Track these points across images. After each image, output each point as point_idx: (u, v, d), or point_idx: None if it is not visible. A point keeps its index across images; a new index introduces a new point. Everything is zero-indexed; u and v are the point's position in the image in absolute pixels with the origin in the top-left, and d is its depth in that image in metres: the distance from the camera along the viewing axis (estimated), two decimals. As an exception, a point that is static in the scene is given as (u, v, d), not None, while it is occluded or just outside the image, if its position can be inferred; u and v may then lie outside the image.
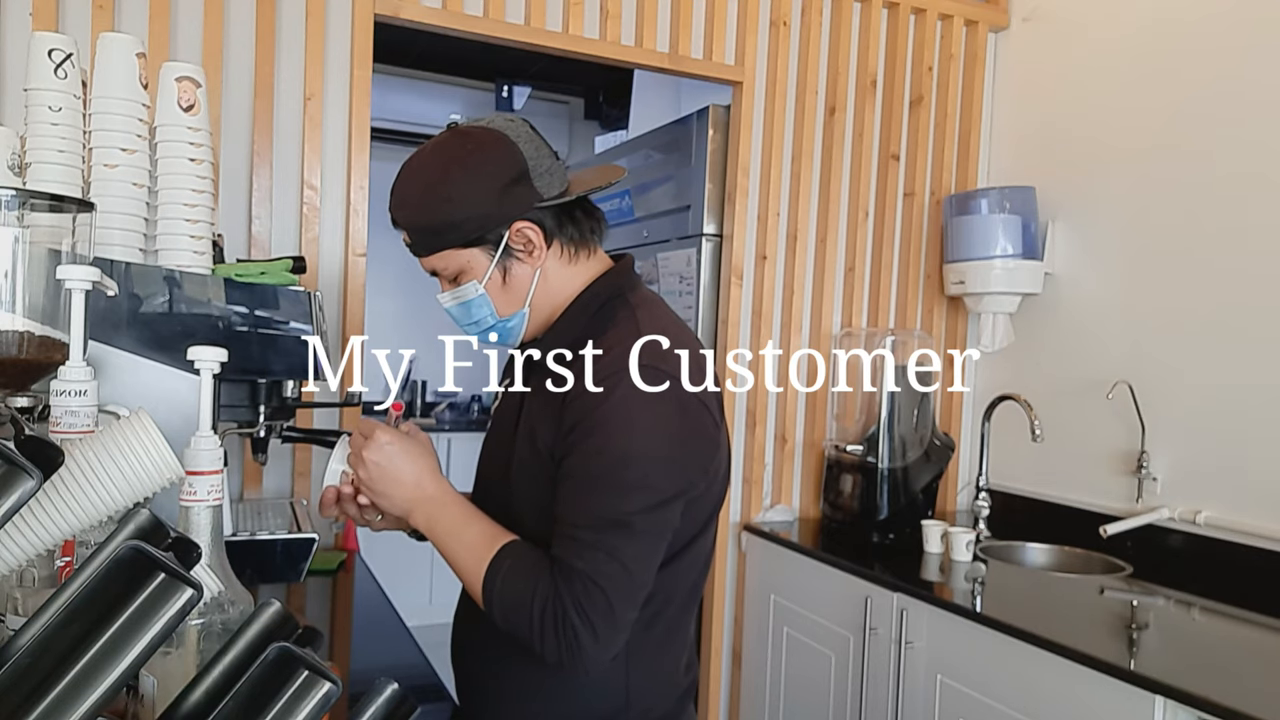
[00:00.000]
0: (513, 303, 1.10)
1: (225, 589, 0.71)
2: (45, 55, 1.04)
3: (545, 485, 1.04)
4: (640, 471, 0.98)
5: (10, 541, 0.59)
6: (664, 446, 1.00)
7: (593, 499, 0.99)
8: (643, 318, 1.07)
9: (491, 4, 2.15)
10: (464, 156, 1.04)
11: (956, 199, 2.59)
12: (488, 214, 1.04)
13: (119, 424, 0.65)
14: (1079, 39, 2.47)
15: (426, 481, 1.09)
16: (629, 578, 0.98)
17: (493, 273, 1.07)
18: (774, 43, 2.48)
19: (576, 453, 1.00)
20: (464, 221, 1.04)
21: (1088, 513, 2.32)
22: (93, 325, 0.84)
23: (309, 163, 2.01)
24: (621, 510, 0.97)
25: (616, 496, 0.98)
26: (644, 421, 0.99)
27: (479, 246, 1.06)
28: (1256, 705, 1.30)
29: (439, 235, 1.06)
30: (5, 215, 0.79)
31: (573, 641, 0.96)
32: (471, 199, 1.03)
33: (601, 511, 0.98)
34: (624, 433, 0.98)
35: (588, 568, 0.97)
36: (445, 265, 1.08)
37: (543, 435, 1.05)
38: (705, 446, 1.05)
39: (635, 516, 0.98)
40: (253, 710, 0.43)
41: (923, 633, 1.88)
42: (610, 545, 0.97)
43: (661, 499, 0.99)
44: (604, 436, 0.99)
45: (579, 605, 0.96)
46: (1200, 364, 2.11)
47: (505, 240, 1.06)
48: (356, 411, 2.07)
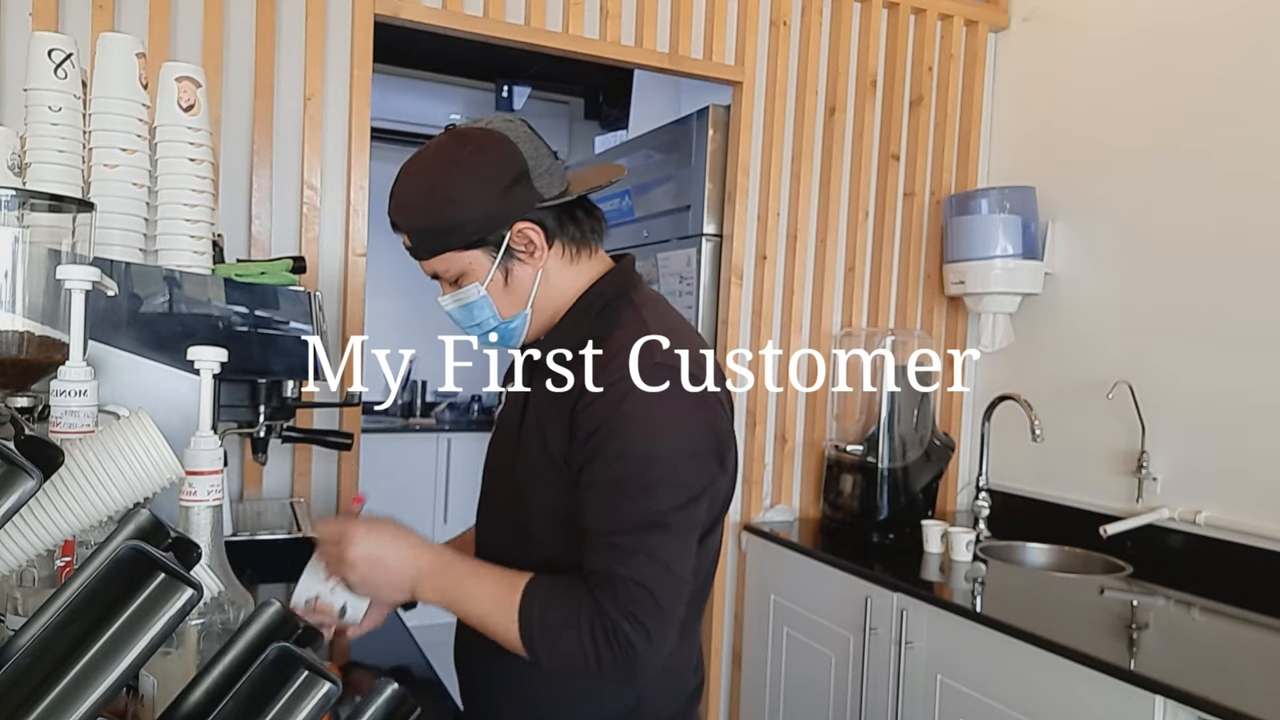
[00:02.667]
0: (515, 304, 1.09)
1: (225, 589, 0.71)
2: (45, 55, 1.04)
3: (555, 488, 1.04)
4: (667, 470, 0.98)
5: (10, 541, 0.59)
6: (686, 443, 1.00)
7: (624, 504, 0.98)
8: (648, 317, 1.07)
9: (491, 4, 2.15)
10: (464, 158, 1.03)
11: (956, 199, 2.59)
12: (489, 215, 1.04)
13: (119, 424, 0.65)
14: (1079, 39, 2.47)
15: (420, 557, 1.05)
16: (671, 575, 0.98)
17: (494, 274, 1.07)
18: (774, 43, 2.48)
19: (598, 460, 0.99)
20: (465, 223, 1.03)
21: (1088, 513, 2.32)
22: (93, 325, 0.84)
23: (309, 163, 2.01)
24: (655, 511, 0.97)
25: (647, 498, 0.97)
26: (663, 421, 0.99)
27: (480, 248, 1.05)
28: (1256, 705, 1.30)
29: (440, 238, 1.05)
30: (5, 215, 0.79)
31: (629, 651, 0.95)
32: (472, 201, 1.03)
33: (636, 515, 0.97)
34: (645, 434, 0.98)
35: (631, 573, 0.96)
36: (446, 268, 1.07)
37: (553, 438, 1.04)
38: (722, 441, 1.05)
39: (669, 515, 0.98)
40: (253, 710, 0.43)
41: (923, 633, 1.88)
42: (650, 546, 0.97)
43: (691, 495, 0.99)
44: (624, 440, 0.98)
45: (628, 613, 0.95)
46: (1200, 364, 2.11)
47: (506, 241, 1.05)
48: (356, 411, 2.08)
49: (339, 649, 1.42)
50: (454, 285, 1.09)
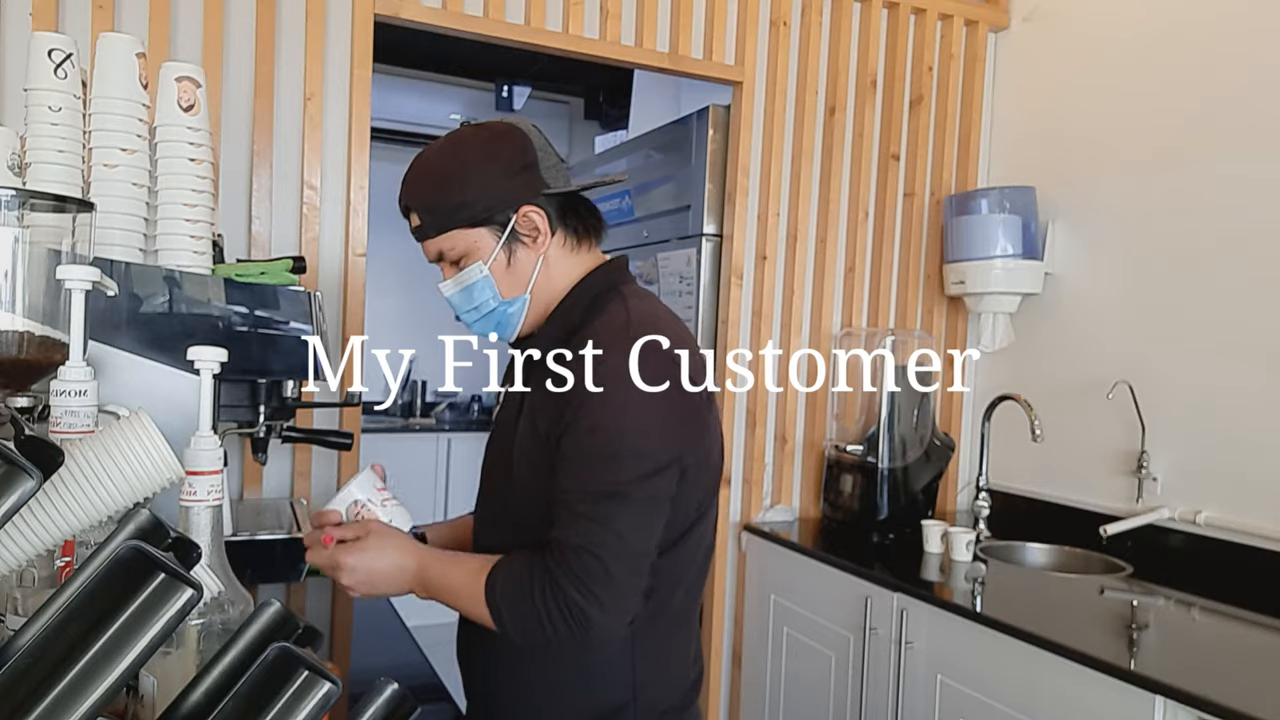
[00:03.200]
0: (515, 287, 1.12)
1: (225, 589, 0.71)
2: (45, 55, 1.04)
3: (545, 471, 1.06)
4: (631, 443, 1.00)
5: (10, 541, 0.59)
6: (655, 416, 1.02)
7: (587, 473, 1.01)
8: (632, 306, 1.09)
9: (491, 4, 2.15)
10: (477, 142, 1.09)
11: (956, 199, 2.59)
12: (498, 194, 1.07)
13: (119, 424, 0.65)
14: (1079, 39, 2.47)
15: (406, 560, 1.11)
16: (623, 544, 1.00)
17: (498, 254, 1.09)
18: (774, 43, 2.48)
19: (571, 433, 1.02)
20: (474, 201, 1.07)
21: (1088, 513, 2.32)
22: (93, 325, 0.84)
23: (309, 163, 2.01)
24: (615, 480, 1.00)
25: (609, 468, 1.00)
26: (634, 396, 1.01)
27: (486, 227, 1.08)
28: (1256, 705, 1.30)
29: (448, 214, 1.08)
30: (5, 215, 0.79)
31: (580, 615, 0.98)
32: (482, 179, 1.07)
33: (595, 485, 1.00)
34: (617, 409, 1.01)
35: (580, 539, 0.99)
36: (452, 246, 1.10)
37: (541, 421, 1.07)
38: (694, 418, 1.07)
39: (628, 485, 1.00)
40: (253, 710, 0.42)
41: (923, 633, 1.88)
42: (604, 515, 0.99)
43: (655, 466, 1.01)
44: (597, 415, 1.01)
45: (576, 578, 0.98)
46: (1200, 364, 2.11)
47: (512, 223, 1.09)
48: (356, 412, 2.08)
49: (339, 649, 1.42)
50: (456, 268, 1.11)
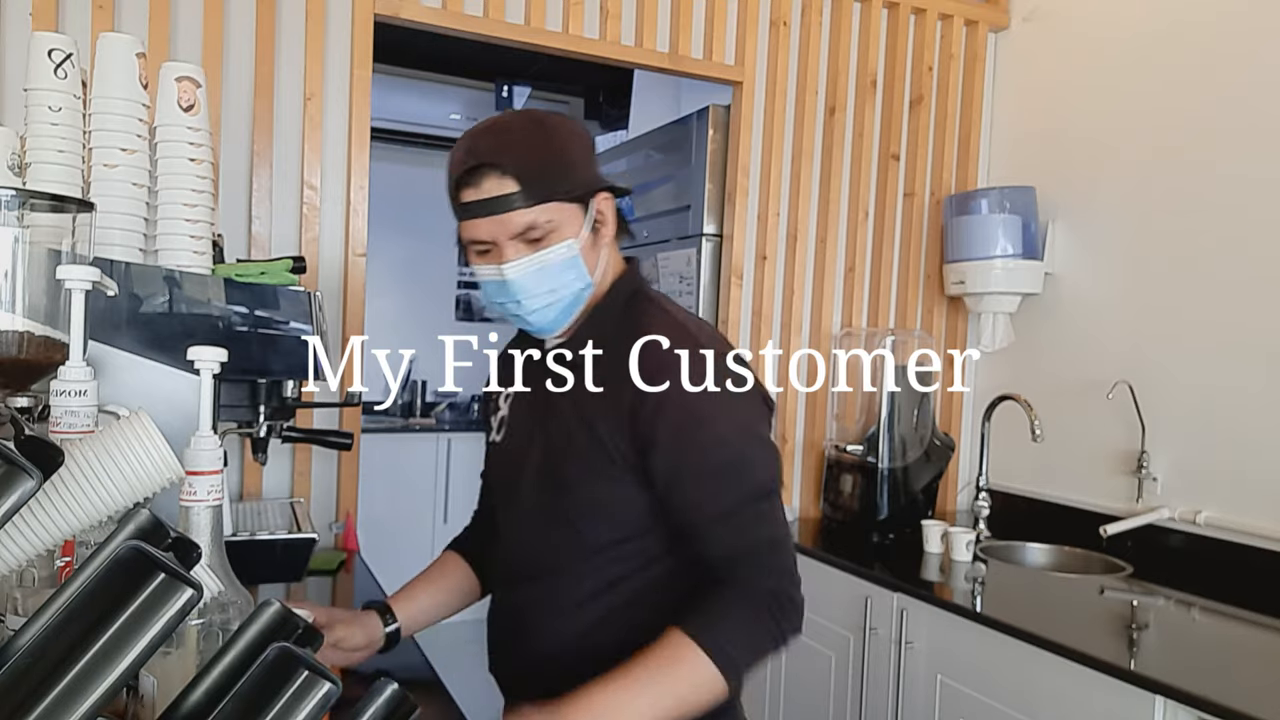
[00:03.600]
0: (589, 271, 1.08)
1: (225, 589, 0.71)
2: (45, 55, 1.04)
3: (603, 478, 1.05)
4: (759, 446, 1.07)
5: (10, 541, 0.59)
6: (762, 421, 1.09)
7: (734, 484, 1.04)
8: (671, 310, 1.11)
9: (491, 4, 2.15)
10: (562, 120, 1.07)
11: (956, 199, 2.59)
12: (591, 175, 1.07)
13: (119, 424, 0.65)
14: (1079, 39, 2.47)
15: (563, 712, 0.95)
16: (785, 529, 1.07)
17: (585, 235, 1.06)
18: (774, 43, 2.48)
19: (692, 450, 1.03)
20: (576, 176, 1.04)
21: (1088, 513, 2.32)
22: (93, 325, 0.84)
23: (309, 163, 2.01)
24: (760, 482, 1.05)
25: (755, 472, 1.05)
26: (740, 405, 1.06)
27: (579, 204, 1.05)
28: (1256, 705, 1.30)
29: (553, 183, 1.01)
30: (5, 215, 0.79)
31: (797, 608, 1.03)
32: (580, 156, 1.06)
33: (749, 490, 1.04)
34: (731, 418, 1.05)
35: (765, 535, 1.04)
36: (549, 219, 1.01)
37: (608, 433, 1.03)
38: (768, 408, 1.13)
39: (771, 484, 1.07)
40: (253, 710, 0.42)
41: (923, 633, 1.88)
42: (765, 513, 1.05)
43: (778, 464, 1.10)
44: (718, 426, 1.04)
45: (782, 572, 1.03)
46: (1200, 364, 2.11)
47: (593, 208, 1.07)
48: (357, 412, 2.08)
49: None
50: (533, 246, 1.02)
